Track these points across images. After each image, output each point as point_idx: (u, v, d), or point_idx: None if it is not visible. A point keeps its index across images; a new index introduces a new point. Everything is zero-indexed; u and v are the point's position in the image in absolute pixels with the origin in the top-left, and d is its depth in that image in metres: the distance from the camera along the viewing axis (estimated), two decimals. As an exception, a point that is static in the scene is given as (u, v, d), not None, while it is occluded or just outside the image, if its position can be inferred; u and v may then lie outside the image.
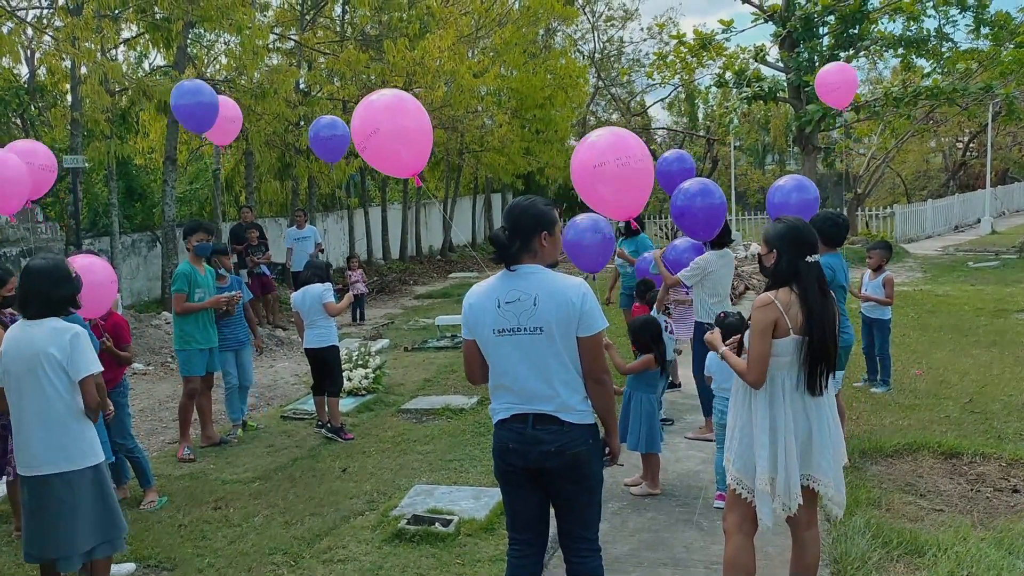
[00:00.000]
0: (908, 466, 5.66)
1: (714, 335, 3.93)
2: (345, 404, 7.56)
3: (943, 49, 16.53)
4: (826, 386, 3.59)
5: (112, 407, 4.09)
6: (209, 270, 6.73)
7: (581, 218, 6.74)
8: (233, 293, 6.75)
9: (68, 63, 11.01)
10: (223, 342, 6.89)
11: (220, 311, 6.69)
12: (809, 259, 3.57)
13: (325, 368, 6.91)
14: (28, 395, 3.62)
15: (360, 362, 8.49)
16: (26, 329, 3.67)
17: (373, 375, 8.40)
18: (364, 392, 8.18)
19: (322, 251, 13.92)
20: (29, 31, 11.80)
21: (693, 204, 6.11)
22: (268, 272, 12.58)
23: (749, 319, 3.71)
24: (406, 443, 6.68)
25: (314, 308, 6.82)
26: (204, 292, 6.56)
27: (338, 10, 17.73)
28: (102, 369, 3.76)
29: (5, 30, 9.72)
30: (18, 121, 15.68)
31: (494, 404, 3.30)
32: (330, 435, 6.85)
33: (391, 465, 6.14)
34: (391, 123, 5.37)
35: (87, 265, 4.23)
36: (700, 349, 6.13)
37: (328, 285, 6.94)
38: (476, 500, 5.17)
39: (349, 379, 8.03)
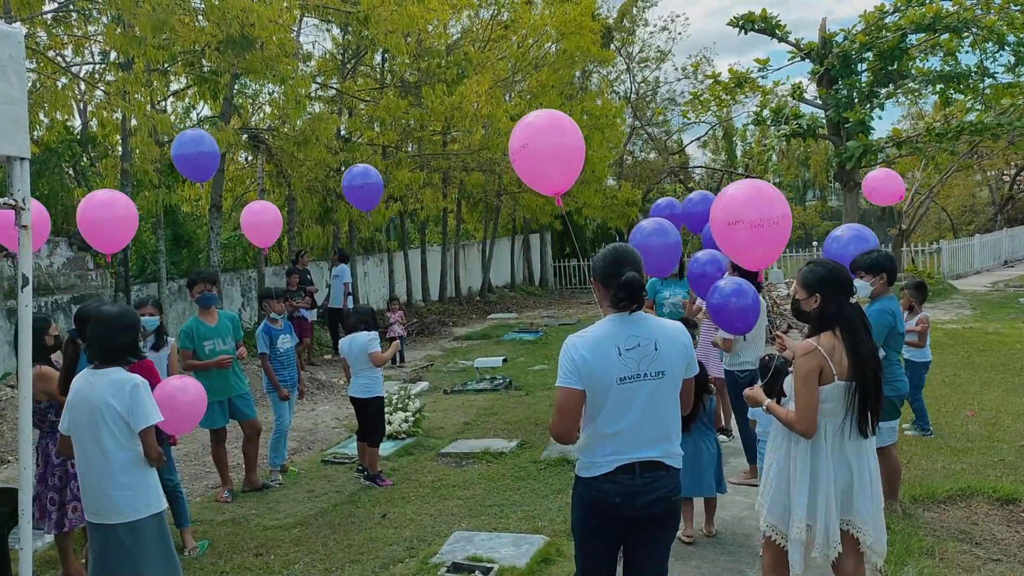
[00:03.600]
0: (962, 513, 5.48)
1: (755, 391, 3.87)
2: (385, 448, 7.57)
3: (983, 85, 16.28)
4: (876, 429, 3.54)
5: (165, 457, 4.16)
6: (223, 318, 6.67)
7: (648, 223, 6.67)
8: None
9: (119, 115, 11.39)
10: (281, 384, 7.03)
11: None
12: (852, 301, 3.55)
13: (367, 418, 6.91)
14: (92, 444, 3.71)
15: (400, 406, 8.51)
16: (89, 379, 3.77)
17: (413, 419, 8.41)
18: (404, 436, 8.19)
19: (349, 294, 14.15)
20: (82, 85, 12.26)
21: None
22: (307, 316, 12.78)
23: (790, 364, 3.67)
24: (446, 488, 6.65)
25: (360, 357, 6.81)
26: (214, 343, 6.49)
27: (378, 58, 18.12)
28: (162, 419, 3.83)
29: (59, 85, 10.11)
30: (70, 171, 16.22)
31: (593, 457, 3.12)
32: (367, 482, 6.86)
33: (430, 511, 6.11)
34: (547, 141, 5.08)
35: (180, 386, 4.44)
36: (739, 394, 6.03)
37: (374, 334, 6.89)
38: (516, 547, 5.12)
39: (389, 423, 8.04)
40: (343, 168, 14.98)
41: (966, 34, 15.67)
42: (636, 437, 3.07)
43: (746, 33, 17.63)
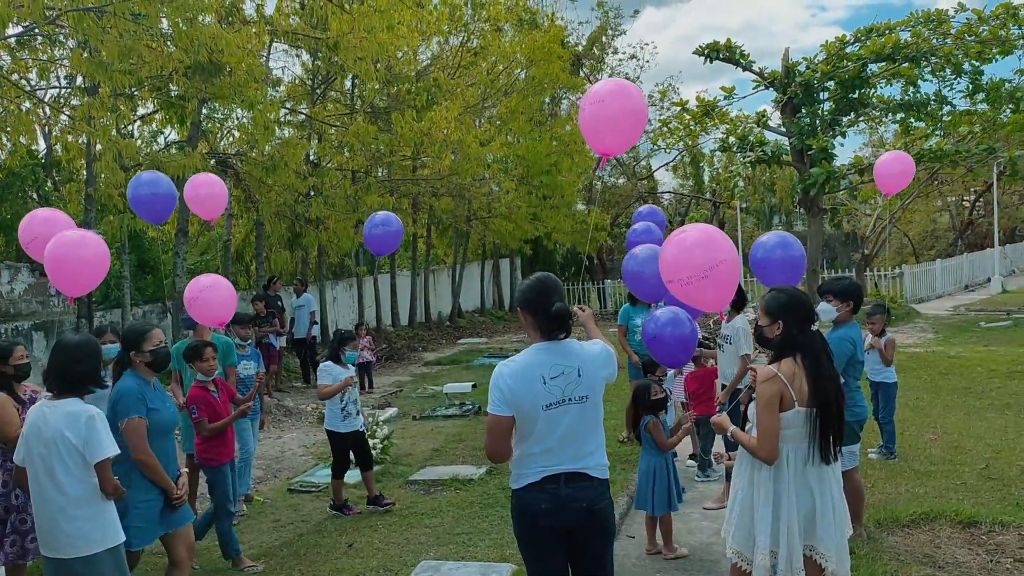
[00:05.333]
0: (925, 536, 5.54)
1: (721, 418, 3.92)
2: (353, 475, 7.47)
3: (942, 113, 16.68)
4: (838, 454, 3.57)
5: (122, 489, 3.95)
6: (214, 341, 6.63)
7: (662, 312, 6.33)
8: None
9: (84, 140, 11.27)
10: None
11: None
12: (812, 328, 3.60)
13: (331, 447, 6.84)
14: (46, 477, 3.62)
15: (368, 432, 8.42)
16: (44, 410, 3.70)
17: (381, 446, 8.34)
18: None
19: (315, 323, 14.07)
20: (47, 110, 12.12)
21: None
22: (275, 343, 12.66)
23: (752, 390, 3.70)
24: (413, 516, 6.59)
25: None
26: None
27: (347, 84, 18.15)
28: (118, 452, 3.75)
29: (24, 108, 9.97)
30: (34, 196, 16.00)
31: (522, 470, 3.33)
32: (333, 511, 6.78)
33: (398, 539, 6.05)
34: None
35: (211, 284, 4.41)
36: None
37: (327, 364, 6.79)
38: (484, 577, 5.08)
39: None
40: (312, 193, 14.96)
41: (925, 64, 16.06)
42: (560, 453, 3.28)
43: (711, 62, 17.91)
